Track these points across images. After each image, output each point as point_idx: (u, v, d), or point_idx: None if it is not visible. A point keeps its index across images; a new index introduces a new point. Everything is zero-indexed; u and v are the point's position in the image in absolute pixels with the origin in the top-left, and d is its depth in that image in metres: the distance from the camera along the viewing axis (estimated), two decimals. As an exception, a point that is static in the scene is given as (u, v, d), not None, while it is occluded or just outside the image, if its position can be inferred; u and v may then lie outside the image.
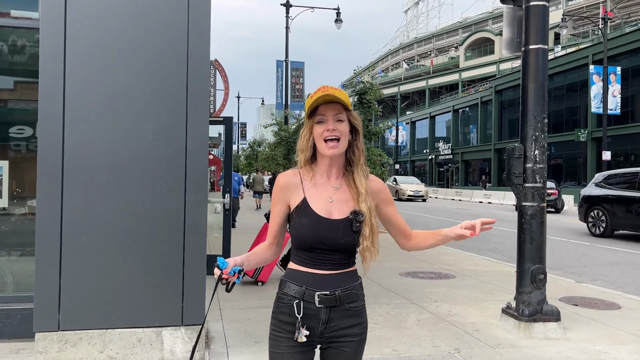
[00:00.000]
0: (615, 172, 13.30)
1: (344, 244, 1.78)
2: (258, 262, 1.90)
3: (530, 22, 4.68)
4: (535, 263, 4.63)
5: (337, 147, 1.79)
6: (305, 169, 1.88)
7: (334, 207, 1.82)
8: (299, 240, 1.81)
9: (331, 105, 1.80)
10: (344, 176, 1.88)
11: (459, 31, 73.88)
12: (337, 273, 1.82)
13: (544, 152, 4.65)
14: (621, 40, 29.45)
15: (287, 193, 1.86)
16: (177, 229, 3.68)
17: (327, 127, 1.79)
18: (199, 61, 3.72)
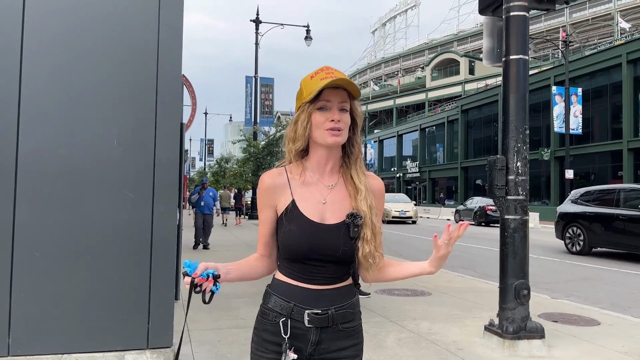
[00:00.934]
0: (592, 189, 13.13)
1: (340, 254, 1.53)
2: (243, 275, 1.59)
3: (511, 33, 4.61)
4: (519, 278, 4.49)
5: (340, 136, 1.55)
6: (294, 165, 1.62)
7: (327, 210, 1.56)
8: (287, 250, 1.55)
9: (337, 91, 1.55)
10: (340, 173, 1.63)
11: (425, 52, 75.46)
12: (332, 288, 1.56)
13: (526, 164, 4.55)
14: (581, 62, 30.48)
15: (273, 195, 1.59)
16: (144, 242, 3.38)
17: (332, 116, 1.53)
18: (170, 63, 3.47)
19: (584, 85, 29.20)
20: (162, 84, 3.45)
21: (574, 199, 13.06)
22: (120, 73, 3.39)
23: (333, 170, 1.63)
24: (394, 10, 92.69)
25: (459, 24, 77.64)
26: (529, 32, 4.67)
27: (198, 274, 1.37)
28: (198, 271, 1.37)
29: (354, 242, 1.54)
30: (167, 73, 3.45)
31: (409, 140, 54.13)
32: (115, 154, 3.37)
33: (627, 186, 12.36)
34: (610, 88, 28.94)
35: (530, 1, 4.65)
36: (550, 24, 57.31)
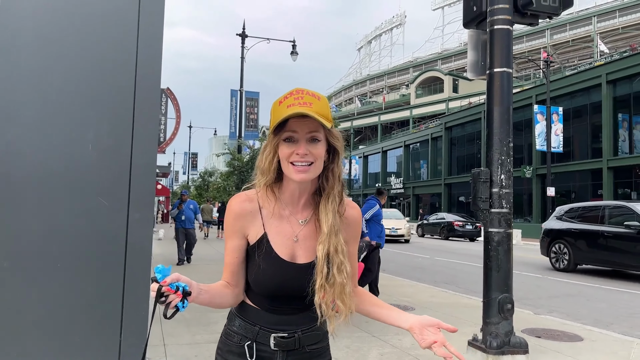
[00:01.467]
0: (576, 206, 13.13)
1: (309, 293, 1.43)
2: (213, 300, 1.45)
3: (495, 46, 4.61)
4: (503, 292, 4.43)
5: (308, 172, 1.39)
6: (265, 192, 1.48)
7: (299, 248, 1.46)
8: (257, 286, 1.47)
9: (306, 120, 1.38)
10: (314, 208, 1.50)
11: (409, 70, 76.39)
12: (298, 315, 1.49)
13: (510, 176, 4.52)
14: (562, 82, 31.05)
15: (243, 223, 1.48)
16: (118, 252, 3.24)
17: (297, 149, 1.38)
18: (149, 65, 3.37)
19: (565, 104, 29.72)
20: (141, 87, 3.35)
21: (559, 216, 13.02)
22: (97, 75, 3.28)
23: (306, 204, 1.50)
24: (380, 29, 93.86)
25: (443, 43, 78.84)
26: (512, 46, 4.67)
27: (167, 283, 1.25)
28: (168, 279, 1.25)
29: None
30: (146, 76, 3.35)
31: (393, 157, 54.43)
32: (90, 159, 3.24)
33: (612, 203, 12.36)
34: (590, 108, 29.48)
35: (513, 15, 4.67)
36: (532, 45, 58.51)
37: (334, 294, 1.40)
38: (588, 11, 56.49)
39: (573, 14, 55.57)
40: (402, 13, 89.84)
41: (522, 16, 4.72)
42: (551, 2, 4.71)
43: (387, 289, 8.65)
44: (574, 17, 56.07)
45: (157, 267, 1.26)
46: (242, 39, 24.19)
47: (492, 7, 4.62)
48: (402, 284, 9.55)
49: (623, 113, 27.58)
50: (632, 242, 10.59)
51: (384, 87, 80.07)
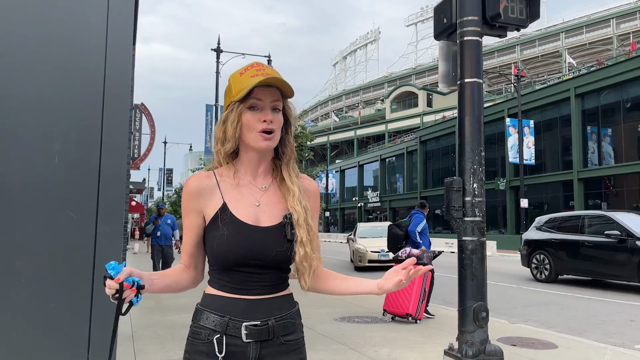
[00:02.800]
0: (556, 216, 13.15)
1: (277, 257, 1.42)
2: (168, 285, 1.46)
3: (465, 57, 4.68)
4: (477, 300, 4.44)
5: (272, 140, 1.46)
6: (224, 167, 1.52)
7: (262, 212, 1.46)
8: (219, 258, 1.42)
9: (269, 90, 1.46)
10: (272, 175, 1.54)
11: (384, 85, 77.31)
12: (270, 297, 1.44)
13: (482, 185, 4.57)
14: (532, 96, 31.76)
15: (200, 199, 1.47)
16: (85, 266, 3.15)
17: (264, 116, 1.44)
18: (118, 73, 3.31)
19: (536, 117, 30.37)
20: (109, 97, 3.29)
21: (539, 226, 13.01)
22: (63, 85, 3.21)
23: (266, 172, 1.55)
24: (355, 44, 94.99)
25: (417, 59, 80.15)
26: (482, 57, 4.76)
27: (121, 279, 1.21)
28: (122, 276, 1.22)
29: (291, 245, 1.44)
30: (114, 86, 3.29)
31: (369, 171, 54.73)
32: (56, 170, 3.16)
33: (591, 213, 12.46)
34: (560, 121, 30.19)
35: (482, 27, 4.76)
36: (503, 60, 59.92)
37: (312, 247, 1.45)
38: (556, 27, 58.21)
39: (542, 30, 57.23)
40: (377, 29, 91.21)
41: (490, 28, 4.82)
42: (518, 15, 4.83)
43: (361, 300, 8.62)
44: (542, 33, 57.69)
45: (109, 264, 1.23)
46: (217, 53, 24.17)
47: (461, 19, 4.70)
48: (381, 296, 9.51)
49: (592, 125, 28.32)
50: (613, 252, 10.62)
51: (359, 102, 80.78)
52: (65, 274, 3.10)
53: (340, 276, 1.57)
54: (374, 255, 15.53)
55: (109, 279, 1.22)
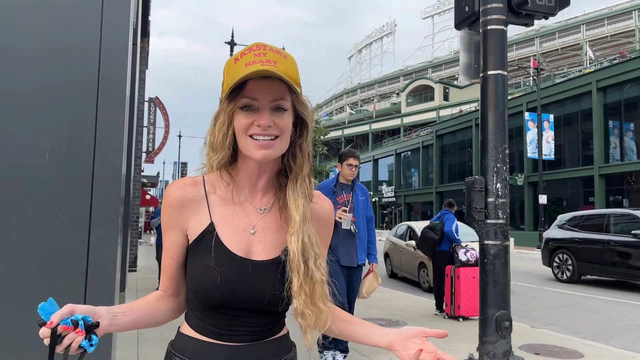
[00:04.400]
0: (580, 214, 12.75)
1: (270, 302, 1.12)
2: (140, 319, 1.15)
3: (488, 48, 4.36)
4: (500, 309, 4.15)
5: (272, 147, 1.11)
6: (215, 175, 1.19)
7: (256, 242, 1.15)
8: (199, 294, 1.13)
9: (269, 83, 1.09)
10: (277, 192, 1.21)
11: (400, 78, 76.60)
12: (259, 343, 1.15)
13: (506, 185, 4.26)
14: (552, 90, 31.05)
15: (183, 214, 1.16)
16: (78, 271, 2.93)
17: (258, 119, 1.10)
18: (114, 65, 3.07)
19: (555, 112, 29.70)
20: (105, 88, 3.05)
21: (561, 224, 12.61)
22: (54, 78, 2.98)
23: (267, 187, 1.21)
24: (370, 37, 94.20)
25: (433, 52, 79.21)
26: (507, 47, 4.43)
27: (55, 323, 0.93)
28: (56, 317, 0.94)
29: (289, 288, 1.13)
30: (111, 76, 3.05)
31: (384, 165, 54.28)
32: (47, 169, 2.93)
33: (617, 211, 12.01)
34: (580, 115, 29.49)
35: (508, 15, 4.43)
36: (521, 53, 58.85)
37: (311, 296, 1.12)
38: (577, 19, 56.95)
39: (562, 22, 56.06)
40: (392, 22, 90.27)
41: (516, 16, 4.48)
42: (547, 2, 4.48)
43: (377, 302, 8.36)
44: (563, 25, 56.51)
45: (40, 306, 0.96)
46: (231, 47, 23.96)
47: (485, 6, 4.38)
48: (394, 297, 9.25)
49: (614, 120, 27.60)
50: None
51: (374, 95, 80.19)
52: (55, 280, 2.88)
53: (348, 318, 1.26)
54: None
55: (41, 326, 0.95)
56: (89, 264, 2.94)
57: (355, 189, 4.99)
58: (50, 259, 2.90)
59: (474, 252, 7.28)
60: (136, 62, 7.75)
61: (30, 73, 2.95)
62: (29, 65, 2.96)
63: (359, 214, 4.87)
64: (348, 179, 4.94)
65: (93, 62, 3.04)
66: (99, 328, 1.00)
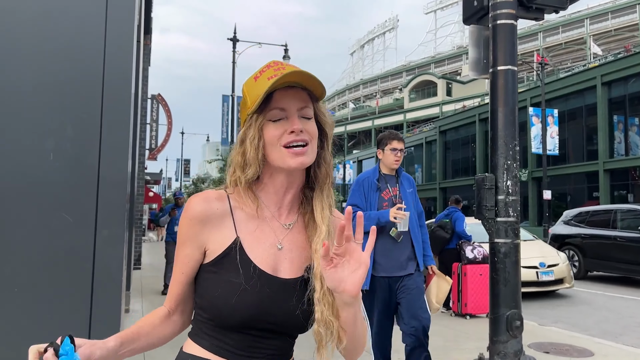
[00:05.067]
0: (586, 210, 12.65)
1: (296, 322, 1.08)
2: (145, 344, 1.11)
3: (498, 42, 4.28)
4: (511, 308, 4.07)
5: (306, 154, 1.10)
6: (239, 192, 1.15)
7: (283, 259, 1.11)
8: (221, 313, 1.07)
9: (294, 92, 1.11)
10: (300, 207, 1.19)
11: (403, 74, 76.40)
12: None
13: (516, 182, 4.18)
14: (556, 85, 30.91)
15: (204, 227, 1.11)
16: (84, 273, 2.88)
17: (290, 126, 1.09)
18: (119, 64, 3.02)
19: (560, 106, 29.55)
20: (110, 87, 3.00)
21: (566, 220, 12.53)
22: (57, 75, 2.93)
23: (292, 203, 1.18)
24: (373, 33, 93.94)
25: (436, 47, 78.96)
26: (517, 42, 4.36)
27: None
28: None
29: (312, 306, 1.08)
30: (116, 74, 3.00)
31: (387, 161, 54.18)
32: (52, 170, 2.88)
33: (624, 207, 11.90)
34: (585, 110, 29.34)
35: (518, 9, 4.34)
36: (525, 48, 58.59)
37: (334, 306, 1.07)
38: (580, 13, 56.67)
39: (565, 16, 55.76)
40: (395, 17, 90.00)
41: (527, 10, 4.39)
42: (557, -5, 4.40)
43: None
44: (566, 19, 56.24)
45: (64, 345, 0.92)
46: (234, 43, 23.90)
47: (494, 0, 4.30)
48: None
49: (618, 115, 27.45)
50: None
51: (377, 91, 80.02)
52: (61, 282, 2.84)
53: None
54: (529, 273, 8.94)
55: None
56: (95, 265, 2.90)
57: (401, 180, 4.09)
58: (55, 261, 2.85)
59: (481, 250, 7.23)
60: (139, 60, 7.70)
61: (33, 72, 2.90)
62: (33, 64, 2.91)
63: (409, 210, 3.93)
64: (392, 168, 4.06)
65: (98, 61, 2.99)
66: None
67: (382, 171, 4.04)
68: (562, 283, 9.21)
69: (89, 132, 2.92)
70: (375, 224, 3.38)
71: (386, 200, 3.89)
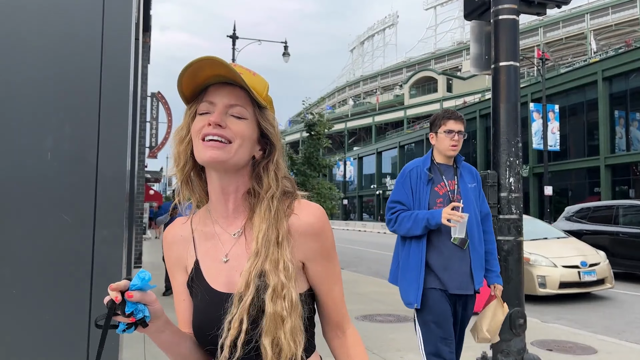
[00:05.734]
0: (587, 206, 12.59)
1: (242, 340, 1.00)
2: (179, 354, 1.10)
3: (500, 38, 4.25)
4: (514, 306, 4.06)
5: (222, 150, 1.04)
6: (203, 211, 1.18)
7: (233, 272, 1.07)
8: (195, 335, 1.12)
9: (229, 88, 1.07)
10: (249, 215, 1.13)
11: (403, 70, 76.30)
12: None
13: (519, 179, 4.16)
14: (557, 80, 30.83)
15: (178, 253, 1.17)
16: (82, 274, 2.85)
17: (209, 118, 1.06)
18: (116, 61, 2.97)
19: (560, 102, 29.48)
20: (107, 86, 2.95)
21: (568, 216, 12.45)
22: (55, 73, 2.89)
23: (238, 210, 1.13)
24: (372, 29, 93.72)
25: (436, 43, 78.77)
26: (519, 37, 4.32)
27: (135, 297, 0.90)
28: (137, 295, 0.91)
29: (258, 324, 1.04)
30: (114, 73, 2.95)
31: (388, 158, 54.13)
32: (49, 169, 2.84)
33: (626, 202, 11.82)
34: (586, 105, 29.27)
35: (519, 5, 4.31)
36: (525, 43, 58.41)
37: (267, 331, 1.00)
38: (581, 8, 56.52)
39: (566, 11, 55.59)
40: (395, 13, 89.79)
41: (528, 5, 4.36)
42: (560, -10, 4.36)
43: (384, 297, 8.28)
44: (566, 14, 56.06)
45: (141, 274, 0.92)
46: (233, 40, 23.81)
47: (496, -5, 4.26)
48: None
49: (619, 110, 27.38)
50: None
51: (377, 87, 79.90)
52: (59, 283, 2.80)
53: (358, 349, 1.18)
54: (571, 274, 8.41)
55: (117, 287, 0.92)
56: (94, 266, 2.86)
57: (461, 172, 3.22)
58: (53, 261, 2.82)
59: None
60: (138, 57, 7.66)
61: (30, 70, 2.86)
62: (28, 62, 2.87)
63: (469, 209, 3.00)
64: (449, 156, 3.21)
65: (95, 58, 2.95)
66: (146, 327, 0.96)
67: (436, 160, 3.21)
68: (604, 283, 8.62)
69: (87, 130, 2.88)
70: (422, 227, 2.90)
71: (441, 196, 3.05)
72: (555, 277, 8.27)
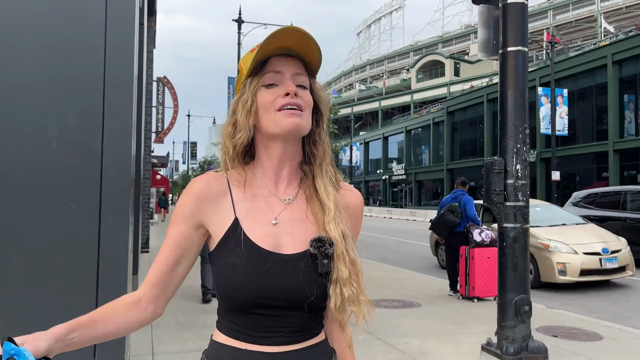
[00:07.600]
0: (595, 191, 12.55)
1: (307, 297, 1.04)
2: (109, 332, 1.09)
3: (508, 22, 4.18)
4: (520, 293, 4.05)
5: (302, 117, 1.08)
6: (235, 172, 1.14)
7: (283, 234, 1.08)
8: (228, 295, 1.05)
9: (290, 59, 1.11)
10: (299, 182, 1.15)
11: (410, 54, 75.62)
12: (297, 350, 1.06)
13: (526, 166, 4.12)
14: (566, 64, 30.44)
15: (203, 208, 1.10)
16: (89, 262, 2.86)
17: (285, 89, 1.08)
18: (120, 50, 2.95)
19: (569, 86, 29.15)
20: (111, 72, 2.94)
21: (575, 202, 12.39)
22: (59, 61, 2.88)
23: (291, 177, 1.15)
24: (379, 12, 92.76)
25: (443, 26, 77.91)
26: (528, 22, 4.25)
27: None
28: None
29: (324, 281, 1.06)
30: (118, 59, 2.94)
31: (394, 142, 53.91)
32: (54, 157, 2.85)
33: (634, 188, 11.74)
34: (595, 89, 28.94)
35: (529, -12, 4.23)
36: (534, 26, 57.65)
37: (359, 286, 1.09)
38: (591, -10, 55.56)
39: (576, -7, 54.75)
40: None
41: (538, -11, 4.28)
42: (570, -27, 4.27)
43: (390, 282, 8.31)
44: (577, -3, 55.18)
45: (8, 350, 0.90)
46: (239, 24, 23.64)
47: (505, -21, 4.18)
48: (407, 276, 9.19)
49: (629, 94, 27.04)
50: None
51: (384, 71, 79.33)
52: (67, 270, 2.82)
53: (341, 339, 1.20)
54: (592, 261, 8.17)
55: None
56: (100, 253, 2.88)
57: None
58: (60, 249, 2.83)
59: (489, 233, 7.18)
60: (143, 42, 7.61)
61: (33, 59, 2.85)
62: (32, 49, 2.86)
63: None
64: None
65: (99, 44, 2.93)
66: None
67: None
68: (625, 271, 8.37)
69: (91, 118, 2.88)
70: None
71: None
72: (576, 265, 8.06)
